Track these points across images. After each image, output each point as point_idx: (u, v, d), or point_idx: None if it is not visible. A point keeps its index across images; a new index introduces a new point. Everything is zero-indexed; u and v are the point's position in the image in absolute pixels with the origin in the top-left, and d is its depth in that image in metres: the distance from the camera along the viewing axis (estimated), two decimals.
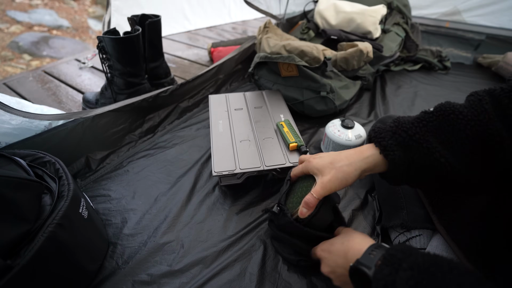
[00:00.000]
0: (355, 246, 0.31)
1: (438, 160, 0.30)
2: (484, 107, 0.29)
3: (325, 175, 0.34)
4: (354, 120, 0.80)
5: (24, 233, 0.34)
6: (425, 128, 0.31)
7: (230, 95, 0.74)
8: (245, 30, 1.62)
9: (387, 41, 0.99)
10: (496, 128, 0.28)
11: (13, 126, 0.54)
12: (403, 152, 0.32)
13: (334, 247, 0.34)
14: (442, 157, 0.30)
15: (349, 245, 0.32)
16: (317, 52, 0.75)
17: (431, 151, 0.30)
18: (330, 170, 0.34)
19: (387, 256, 0.26)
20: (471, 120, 0.29)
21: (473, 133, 0.29)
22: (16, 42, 1.81)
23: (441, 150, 0.30)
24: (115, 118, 0.68)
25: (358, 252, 0.29)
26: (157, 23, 0.81)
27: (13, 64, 1.62)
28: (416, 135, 0.31)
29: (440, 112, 0.31)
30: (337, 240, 0.35)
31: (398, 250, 0.26)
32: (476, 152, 0.29)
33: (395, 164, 0.32)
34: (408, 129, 0.32)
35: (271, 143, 0.58)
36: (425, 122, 0.32)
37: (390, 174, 0.33)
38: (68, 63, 1.12)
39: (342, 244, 0.33)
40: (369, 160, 0.33)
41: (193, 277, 0.43)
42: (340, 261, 0.32)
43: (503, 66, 1.04)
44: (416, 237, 0.42)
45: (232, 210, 0.54)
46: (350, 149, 0.36)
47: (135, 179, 0.60)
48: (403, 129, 0.32)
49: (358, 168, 0.34)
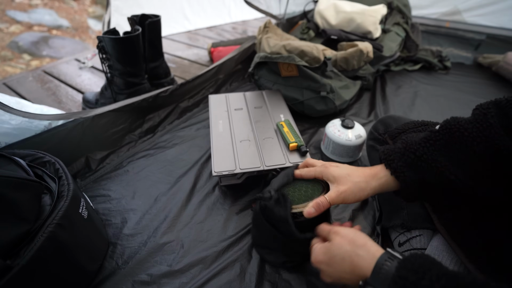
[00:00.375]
0: (361, 264, 0.28)
1: (448, 178, 0.30)
2: (489, 122, 0.29)
3: (341, 185, 0.35)
4: (354, 120, 0.80)
5: (24, 233, 0.34)
6: (432, 148, 0.32)
7: (230, 95, 0.74)
8: (245, 30, 1.62)
9: (387, 41, 0.99)
10: (504, 143, 0.28)
11: (13, 126, 0.53)
12: (413, 173, 0.32)
13: (334, 261, 0.31)
14: (452, 174, 0.30)
15: (353, 262, 0.29)
16: (317, 52, 0.75)
17: (441, 170, 0.31)
18: (347, 182, 0.35)
19: (397, 279, 0.24)
20: (477, 137, 0.29)
21: (480, 149, 0.29)
22: (16, 42, 1.81)
23: (451, 167, 0.30)
24: (115, 118, 0.68)
25: (365, 270, 0.28)
26: (157, 23, 0.81)
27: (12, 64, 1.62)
28: (424, 156, 0.32)
29: (446, 130, 0.31)
30: (335, 252, 0.31)
31: (409, 270, 0.24)
32: (486, 167, 0.29)
33: (406, 184, 0.33)
34: (416, 150, 0.32)
35: (271, 143, 0.58)
36: (432, 142, 0.32)
37: (403, 193, 0.34)
38: (68, 63, 1.12)
39: (343, 259, 0.30)
40: (382, 181, 0.35)
41: (193, 277, 0.43)
42: (347, 276, 0.30)
43: (503, 66, 1.04)
44: (417, 237, 0.42)
45: (232, 210, 0.54)
46: (365, 168, 0.37)
47: (135, 179, 0.60)
48: (411, 150, 0.33)
49: (372, 188, 0.35)
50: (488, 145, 0.28)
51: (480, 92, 0.96)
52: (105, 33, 0.70)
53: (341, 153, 0.64)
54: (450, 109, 0.86)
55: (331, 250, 0.32)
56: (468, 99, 0.92)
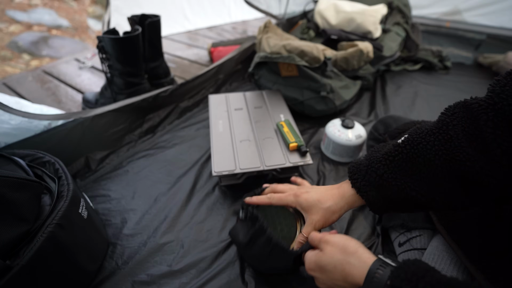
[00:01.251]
0: (353, 272, 0.28)
1: (409, 194, 0.31)
2: (450, 134, 0.28)
3: (314, 214, 0.37)
4: (355, 120, 0.80)
5: (24, 233, 0.34)
6: (392, 165, 0.32)
7: (230, 95, 0.74)
8: (245, 30, 1.62)
9: (388, 41, 0.99)
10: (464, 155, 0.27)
11: (12, 126, 0.53)
12: (376, 191, 0.33)
13: (326, 270, 0.31)
14: (413, 190, 0.30)
15: (345, 270, 0.29)
16: (317, 52, 0.75)
17: (401, 187, 0.31)
18: (319, 210, 0.36)
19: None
20: (439, 150, 0.28)
21: (442, 162, 0.28)
22: (15, 42, 1.81)
23: (411, 184, 0.30)
24: (115, 118, 0.68)
25: (358, 279, 0.28)
26: (157, 23, 0.81)
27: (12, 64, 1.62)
28: (385, 175, 0.32)
29: (408, 143, 0.31)
30: (326, 261, 0.31)
31: (403, 280, 0.24)
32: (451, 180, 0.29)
33: (370, 202, 0.34)
34: (377, 168, 0.33)
35: (271, 143, 0.58)
36: (392, 158, 0.32)
37: (370, 208, 0.35)
38: (67, 63, 1.12)
39: (335, 267, 0.30)
40: (350, 200, 0.36)
41: (193, 277, 0.43)
42: (340, 283, 0.30)
43: (504, 66, 1.04)
44: (417, 237, 0.42)
45: (232, 210, 0.54)
46: (333, 188, 0.38)
47: (135, 179, 0.60)
48: (372, 169, 0.33)
49: (341, 208, 0.36)
50: (448, 158, 0.28)
51: (481, 92, 0.95)
52: (105, 33, 0.70)
53: (341, 153, 0.64)
54: None
55: (322, 259, 0.32)
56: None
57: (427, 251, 0.39)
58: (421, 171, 0.30)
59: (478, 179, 0.27)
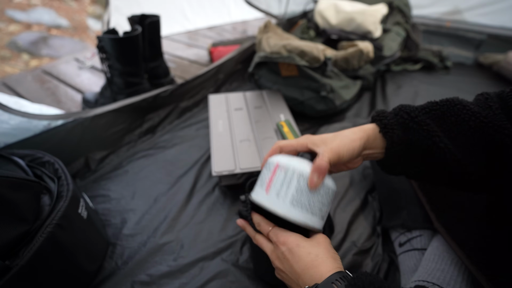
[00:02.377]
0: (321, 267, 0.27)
1: (437, 144, 0.29)
2: (489, 104, 0.29)
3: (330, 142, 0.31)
4: (355, 119, 0.80)
5: (23, 233, 0.34)
6: (427, 114, 0.31)
7: (230, 95, 0.74)
8: (245, 30, 1.62)
9: (388, 40, 0.99)
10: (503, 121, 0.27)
11: (12, 126, 0.53)
12: (402, 132, 0.31)
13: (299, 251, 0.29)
14: (442, 142, 0.29)
15: (316, 261, 0.28)
16: (317, 52, 0.74)
17: (431, 134, 0.30)
18: (335, 138, 0.31)
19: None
20: (477, 113, 0.29)
21: (476, 125, 0.28)
22: (14, 42, 1.80)
23: (442, 136, 0.30)
24: (115, 118, 0.68)
25: (320, 275, 0.26)
26: (156, 23, 0.81)
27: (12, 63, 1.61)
28: (418, 117, 0.31)
29: (446, 102, 0.31)
30: (305, 244, 0.29)
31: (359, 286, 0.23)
32: (478, 145, 0.29)
33: (393, 143, 0.31)
34: (411, 111, 0.31)
35: (271, 143, 0.58)
36: (428, 109, 0.31)
37: (387, 153, 0.32)
38: (67, 63, 1.12)
39: (308, 254, 0.28)
40: (370, 135, 0.32)
41: (193, 277, 0.43)
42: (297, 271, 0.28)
43: (504, 66, 1.03)
44: (417, 237, 0.42)
45: (232, 210, 0.54)
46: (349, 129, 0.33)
47: (134, 179, 0.60)
48: (405, 111, 0.32)
49: (361, 138, 0.31)
50: (486, 121, 0.28)
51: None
52: (104, 33, 0.70)
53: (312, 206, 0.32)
54: None
55: (303, 242, 0.29)
56: (469, 99, 0.91)
57: (428, 251, 0.39)
58: (453, 129, 0.29)
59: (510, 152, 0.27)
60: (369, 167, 0.62)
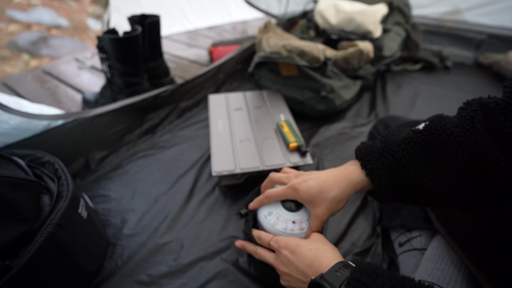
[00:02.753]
0: (323, 259, 0.28)
1: (425, 184, 0.29)
2: (476, 127, 0.27)
3: (318, 207, 0.34)
4: (355, 119, 0.80)
5: (23, 233, 0.34)
6: (412, 151, 0.30)
7: (230, 95, 0.74)
8: (245, 30, 1.62)
9: (388, 40, 0.99)
10: (490, 150, 0.26)
11: (12, 126, 0.53)
12: (389, 176, 0.31)
13: (300, 250, 0.30)
14: (429, 181, 0.29)
15: (318, 255, 0.29)
16: (317, 52, 0.74)
17: (418, 175, 0.29)
18: (323, 202, 0.33)
19: (351, 280, 0.24)
20: (463, 142, 0.27)
21: (464, 155, 0.27)
22: (14, 42, 1.80)
23: (429, 174, 0.29)
24: (115, 118, 0.68)
25: (324, 267, 0.27)
26: (156, 23, 0.81)
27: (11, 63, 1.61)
28: (403, 159, 0.30)
29: (430, 131, 0.29)
30: (304, 243, 0.31)
31: (363, 273, 0.24)
32: (468, 175, 0.28)
33: (379, 187, 0.32)
34: (395, 152, 0.31)
35: (271, 143, 0.58)
36: (413, 144, 0.30)
37: (376, 195, 0.34)
38: (67, 63, 1.12)
39: (309, 250, 0.30)
40: (357, 186, 0.33)
41: (193, 278, 0.43)
42: (302, 268, 0.29)
43: (504, 66, 1.03)
44: (417, 237, 0.42)
45: (232, 210, 0.54)
46: (335, 172, 0.35)
47: (134, 179, 0.60)
48: (389, 152, 0.31)
49: (347, 195, 0.34)
50: (473, 151, 0.27)
51: (481, 92, 0.95)
52: (104, 33, 0.70)
53: None
54: (451, 109, 0.85)
55: (302, 241, 0.32)
56: (469, 99, 0.91)
57: (428, 251, 0.39)
58: (440, 162, 0.29)
59: (499, 178, 0.26)
60: None
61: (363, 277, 0.24)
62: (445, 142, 0.28)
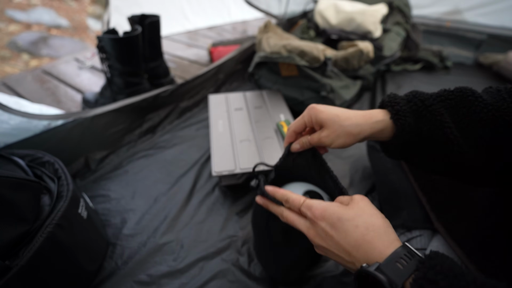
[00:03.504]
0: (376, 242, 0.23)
1: (447, 135, 0.29)
2: (503, 96, 0.28)
3: (326, 128, 0.31)
4: None
5: (23, 233, 0.34)
6: (442, 103, 0.30)
7: (230, 95, 0.74)
8: (245, 30, 1.62)
9: (388, 40, 0.99)
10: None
11: (12, 126, 0.53)
12: (414, 120, 0.30)
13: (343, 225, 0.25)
14: (452, 133, 0.29)
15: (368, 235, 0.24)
16: (317, 52, 0.74)
17: (443, 125, 0.29)
18: (334, 125, 0.31)
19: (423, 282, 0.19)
20: (489, 105, 0.28)
21: (488, 117, 0.27)
22: (14, 42, 1.80)
23: (453, 127, 0.29)
24: (115, 118, 0.68)
25: (378, 252, 0.23)
26: (156, 23, 0.81)
27: (11, 63, 1.61)
28: (432, 106, 0.30)
29: (459, 93, 0.30)
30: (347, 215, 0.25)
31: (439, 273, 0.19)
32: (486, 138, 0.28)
33: (403, 130, 0.30)
34: (425, 99, 0.30)
35: (271, 143, 0.58)
36: (443, 98, 0.30)
37: (394, 141, 0.31)
38: (67, 63, 1.12)
39: (356, 228, 0.24)
40: (378, 125, 0.31)
41: (193, 278, 0.43)
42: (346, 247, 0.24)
43: (504, 66, 1.03)
44: (417, 237, 0.42)
45: (232, 210, 0.54)
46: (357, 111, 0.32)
47: (134, 179, 0.60)
48: (419, 98, 0.31)
49: (360, 132, 0.31)
50: (497, 114, 0.27)
51: None
52: (104, 33, 0.70)
53: None
54: None
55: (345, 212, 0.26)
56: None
57: (427, 251, 0.39)
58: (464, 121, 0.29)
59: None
60: (369, 167, 0.62)
61: (440, 278, 0.19)
62: (471, 103, 0.29)
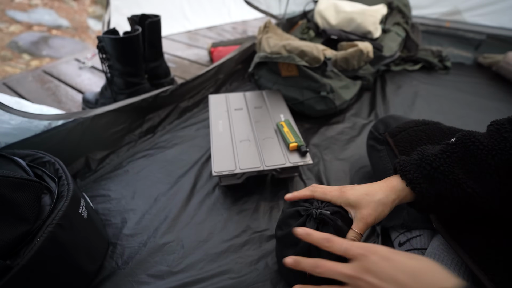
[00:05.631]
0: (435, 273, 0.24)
1: (465, 190, 0.30)
2: (503, 136, 0.29)
3: (363, 209, 0.33)
4: (355, 119, 0.80)
5: (24, 233, 0.34)
6: (449, 160, 0.31)
7: (230, 95, 0.74)
8: (245, 30, 1.62)
9: (388, 41, 0.99)
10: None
11: (13, 126, 0.53)
12: (429, 185, 0.32)
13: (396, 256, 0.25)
14: (469, 187, 0.30)
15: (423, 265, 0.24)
16: (317, 52, 0.75)
17: (458, 182, 0.30)
18: (369, 203, 0.33)
19: None
20: (492, 150, 0.29)
21: (496, 162, 0.29)
22: (15, 42, 1.81)
23: (467, 180, 0.30)
24: (115, 118, 0.68)
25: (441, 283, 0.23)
26: (157, 23, 0.81)
27: (12, 64, 1.62)
28: (441, 167, 0.31)
29: (461, 144, 0.31)
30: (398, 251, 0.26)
31: None
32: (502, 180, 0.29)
33: (423, 196, 0.32)
34: (432, 161, 0.32)
35: (271, 143, 0.58)
36: (449, 154, 0.32)
37: (418, 205, 0.34)
38: (67, 63, 1.12)
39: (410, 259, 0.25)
40: (401, 193, 0.33)
41: (193, 278, 0.43)
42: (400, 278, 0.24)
43: (504, 66, 1.04)
44: (417, 237, 0.42)
45: (232, 210, 0.54)
46: (379, 183, 0.35)
47: (135, 179, 0.60)
48: (427, 162, 0.32)
49: (393, 201, 0.33)
50: (504, 157, 0.28)
51: (480, 92, 0.96)
52: (105, 33, 0.70)
53: None
54: (450, 109, 0.86)
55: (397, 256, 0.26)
56: (468, 99, 0.91)
57: (428, 251, 0.39)
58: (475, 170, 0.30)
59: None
60: (369, 167, 0.62)
61: None
62: (475, 152, 0.30)
